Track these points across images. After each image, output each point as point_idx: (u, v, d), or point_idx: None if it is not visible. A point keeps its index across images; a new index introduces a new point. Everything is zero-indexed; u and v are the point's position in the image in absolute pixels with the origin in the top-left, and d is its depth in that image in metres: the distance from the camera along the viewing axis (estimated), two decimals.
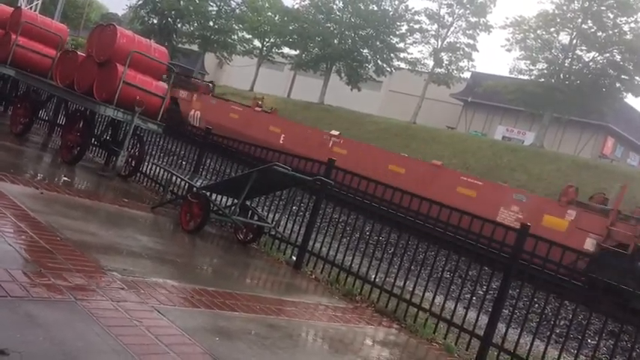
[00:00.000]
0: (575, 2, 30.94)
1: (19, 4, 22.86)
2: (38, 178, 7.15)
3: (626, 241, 11.97)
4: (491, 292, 7.38)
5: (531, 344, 5.32)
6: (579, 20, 30.79)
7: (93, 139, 9.35)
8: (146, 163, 9.15)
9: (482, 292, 8.18)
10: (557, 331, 8.76)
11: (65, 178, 7.51)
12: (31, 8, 25.06)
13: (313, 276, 6.66)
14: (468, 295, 7.50)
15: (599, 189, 21.26)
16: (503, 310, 5.98)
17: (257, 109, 22.15)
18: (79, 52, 9.55)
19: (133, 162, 8.97)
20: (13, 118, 9.86)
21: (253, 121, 20.90)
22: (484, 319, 5.76)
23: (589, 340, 9.03)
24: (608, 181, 21.77)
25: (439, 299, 6.43)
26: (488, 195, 14.38)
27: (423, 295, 5.97)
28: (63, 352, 2.86)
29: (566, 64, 31.31)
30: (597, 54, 30.89)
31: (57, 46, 10.42)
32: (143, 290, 4.16)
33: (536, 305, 9.55)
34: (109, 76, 8.37)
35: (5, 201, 5.26)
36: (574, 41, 31.19)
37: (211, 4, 45.24)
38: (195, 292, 4.54)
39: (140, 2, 44.07)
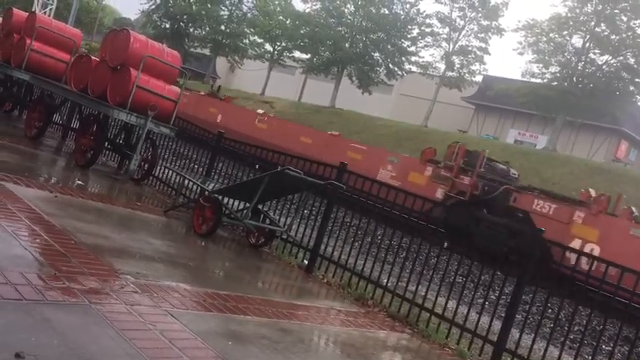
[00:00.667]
0: (589, 5, 30.75)
1: (33, 9, 23.10)
2: (52, 181, 7.21)
3: (464, 189, 14.68)
4: (504, 297, 7.33)
5: (545, 350, 5.27)
6: (592, 23, 30.59)
7: (106, 143, 9.41)
8: (159, 167, 9.19)
9: (495, 297, 8.13)
10: (572, 337, 8.67)
11: (79, 182, 7.56)
12: (45, 13, 25.31)
13: (325, 280, 6.65)
14: (481, 300, 7.46)
15: (613, 193, 21.10)
16: (517, 316, 5.93)
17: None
18: (92, 57, 9.63)
19: (146, 165, 9.02)
20: (28, 121, 9.95)
21: None
22: (497, 325, 5.72)
23: (604, 347, 8.93)
24: (621, 184, 21.58)
25: (452, 304, 6.39)
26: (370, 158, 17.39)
27: (436, 299, 5.94)
28: (77, 356, 2.88)
29: (579, 68, 31.11)
30: (611, 57, 30.66)
31: (71, 50, 10.51)
32: (156, 294, 4.17)
33: (550, 310, 9.48)
34: (123, 80, 8.43)
35: (20, 204, 5.30)
36: (587, 44, 30.99)
37: (223, 8, 45.54)
38: (207, 296, 4.55)
39: (153, 7, 44.44)
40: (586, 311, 7.48)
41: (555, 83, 31.60)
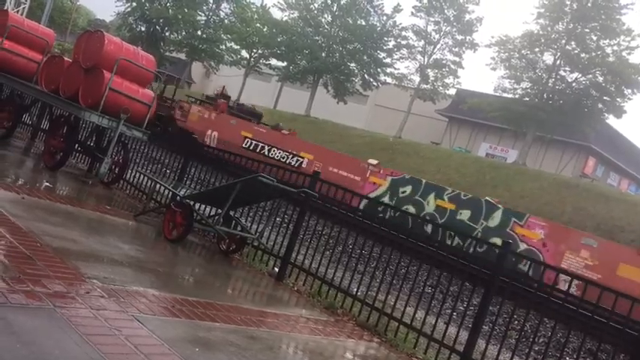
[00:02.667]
0: (560, 24, 31.47)
1: (5, 7, 22.65)
2: (20, 183, 7.08)
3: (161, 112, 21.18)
4: (472, 307, 7.41)
5: None
6: (563, 41, 31.30)
7: (76, 145, 9.28)
8: (130, 171, 9.09)
9: (462, 308, 8.22)
10: (536, 348, 8.81)
11: (47, 184, 7.43)
12: (17, 12, 24.87)
13: (295, 288, 6.64)
14: (449, 311, 7.54)
15: (580, 208, 21.55)
16: (483, 327, 6.00)
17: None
18: (65, 58, 9.49)
19: (117, 169, 8.91)
20: None
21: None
22: (464, 335, 5.78)
23: (567, 359, 9.09)
24: (588, 200, 22.03)
25: (420, 314, 6.45)
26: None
27: (404, 309, 5.98)
28: None
29: (549, 84, 31.77)
30: (580, 75, 31.39)
31: (43, 50, 10.35)
32: (123, 299, 4.12)
33: (516, 322, 9.61)
34: (95, 82, 8.33)
35: None
36: (558, 62, 31.68)
37: (200, 13, 45.31)
38: (176, 302, 4.51)
39: (128, 9, 43.99)
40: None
41: (526, 99, 32.20)
